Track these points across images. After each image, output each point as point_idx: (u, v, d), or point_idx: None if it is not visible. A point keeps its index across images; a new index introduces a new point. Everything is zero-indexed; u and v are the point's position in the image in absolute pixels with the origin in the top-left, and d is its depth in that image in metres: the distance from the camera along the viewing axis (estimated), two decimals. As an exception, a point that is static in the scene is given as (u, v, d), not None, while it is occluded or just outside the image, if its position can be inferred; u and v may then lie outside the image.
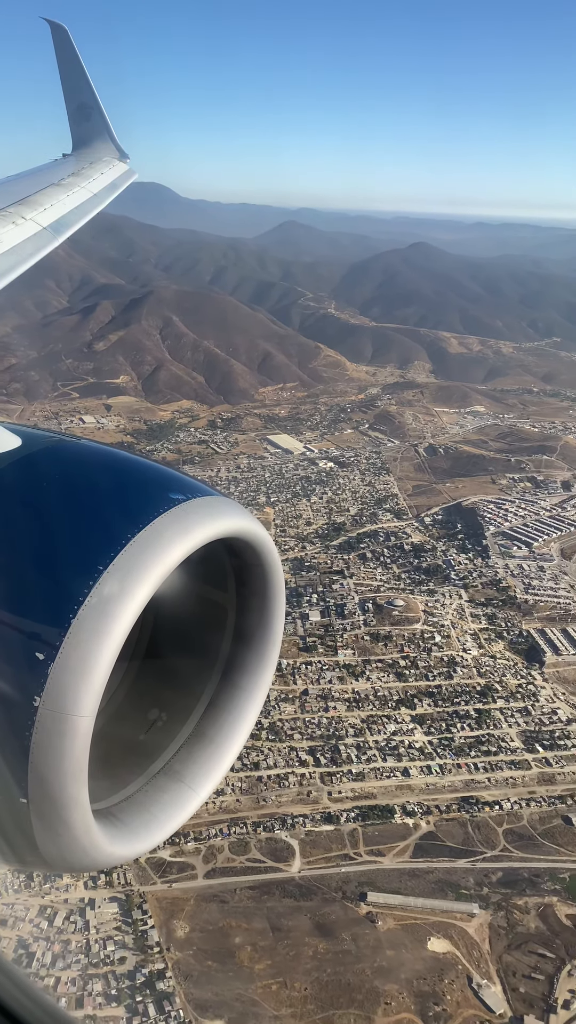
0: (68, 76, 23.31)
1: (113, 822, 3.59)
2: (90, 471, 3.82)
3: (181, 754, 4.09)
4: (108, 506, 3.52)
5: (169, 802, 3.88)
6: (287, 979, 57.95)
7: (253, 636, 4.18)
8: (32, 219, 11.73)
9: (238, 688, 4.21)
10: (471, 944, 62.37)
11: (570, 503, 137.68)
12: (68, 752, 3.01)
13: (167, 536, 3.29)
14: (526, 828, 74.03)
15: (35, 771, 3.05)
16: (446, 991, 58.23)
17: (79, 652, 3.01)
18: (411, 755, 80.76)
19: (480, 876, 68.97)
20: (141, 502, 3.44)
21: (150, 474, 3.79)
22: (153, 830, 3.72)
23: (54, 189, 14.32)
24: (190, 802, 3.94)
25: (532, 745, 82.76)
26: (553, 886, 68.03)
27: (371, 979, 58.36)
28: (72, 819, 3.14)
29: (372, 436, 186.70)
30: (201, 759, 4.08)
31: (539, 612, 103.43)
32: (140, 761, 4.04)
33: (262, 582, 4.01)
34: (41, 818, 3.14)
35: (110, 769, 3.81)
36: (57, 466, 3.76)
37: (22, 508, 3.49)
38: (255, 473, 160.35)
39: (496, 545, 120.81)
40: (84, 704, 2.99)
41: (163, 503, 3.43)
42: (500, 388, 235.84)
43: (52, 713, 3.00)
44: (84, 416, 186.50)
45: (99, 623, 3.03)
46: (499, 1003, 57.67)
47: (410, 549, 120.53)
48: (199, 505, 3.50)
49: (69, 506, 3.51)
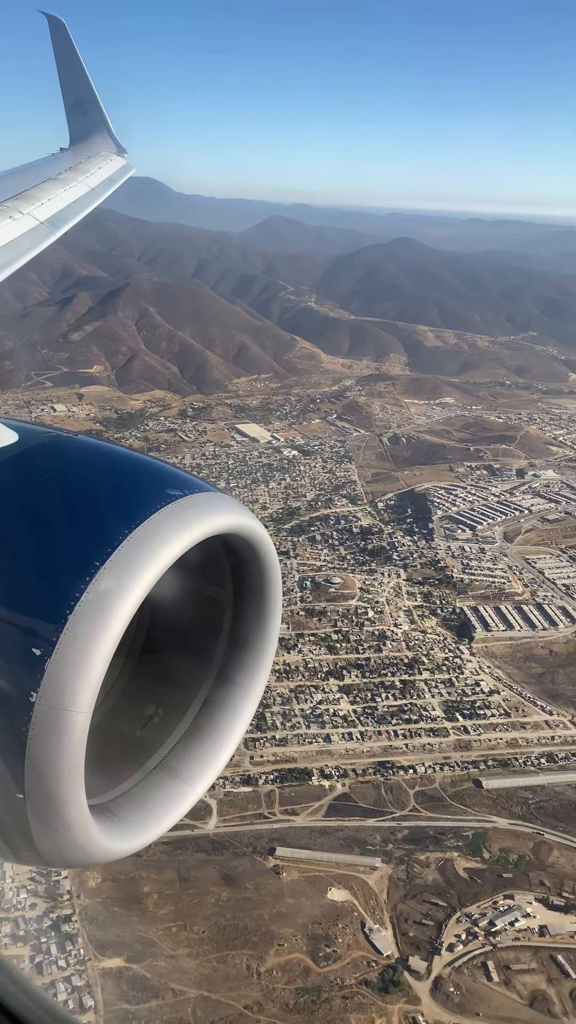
0: (66, 70, 23.19)
1: (109, 817, 3.61)
2: (87, 467, 3.83)
3: (177, 750, 4.10)
4: (105, 502, 3.53)
5: (165, 798, 3.88)
6: (188, 923, 61.22)
7: (250, 633, 4.18)
8: (29, 214, 11.69)
9: (234, 684, 4.22)
10: (369, 894, 65.65)
11: (520, 489, 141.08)
12: (65, 748, 3.02)
13: (164, 532, 3.29)
14: (437, 791, 77.34)
15: (31, 767, 3.06)
16: (339, 935, 61.53)
17: (76, 648, 3.01)
18: (335, 723, 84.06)
19: (387, 834, 72.26)
20: (138, 498, 3.46)
21: (147, 470, 3.80)
22: (149, 825, 3.74)
23: (51, 184, 14.25)
24: (186, 797, 3.95)
25: (452, 714, 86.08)
26: (456, 843, 71.33)
27: (268, 923, 61.63)
28: (68, 815, 3.16)
29: (339, 426, 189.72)
30: (198, 755, 4.08)
31: (474, 591, 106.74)
32: (136, 757, 4.04)
33: (259, 579, 4.02)
34: (37, 814, 3.16)
35: (106, 765, 3.82)
36: (54, 462, 3.78)
37: (18, 504, 3.50)
38: (219, 460, 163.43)
39: (442, 528, 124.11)
40: (81, 700, 3.00)
41: (160, 499, 3.43)
42: (472, 381, 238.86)
43: (48, 709, 3.00)
44: (55, 405, 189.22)
45: (96, 619, 3.04)
46: (388, 946, 60.98)
47: (358, 532, 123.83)
48: (196, 501, 3.51)
49: (66, 502, 3.52)
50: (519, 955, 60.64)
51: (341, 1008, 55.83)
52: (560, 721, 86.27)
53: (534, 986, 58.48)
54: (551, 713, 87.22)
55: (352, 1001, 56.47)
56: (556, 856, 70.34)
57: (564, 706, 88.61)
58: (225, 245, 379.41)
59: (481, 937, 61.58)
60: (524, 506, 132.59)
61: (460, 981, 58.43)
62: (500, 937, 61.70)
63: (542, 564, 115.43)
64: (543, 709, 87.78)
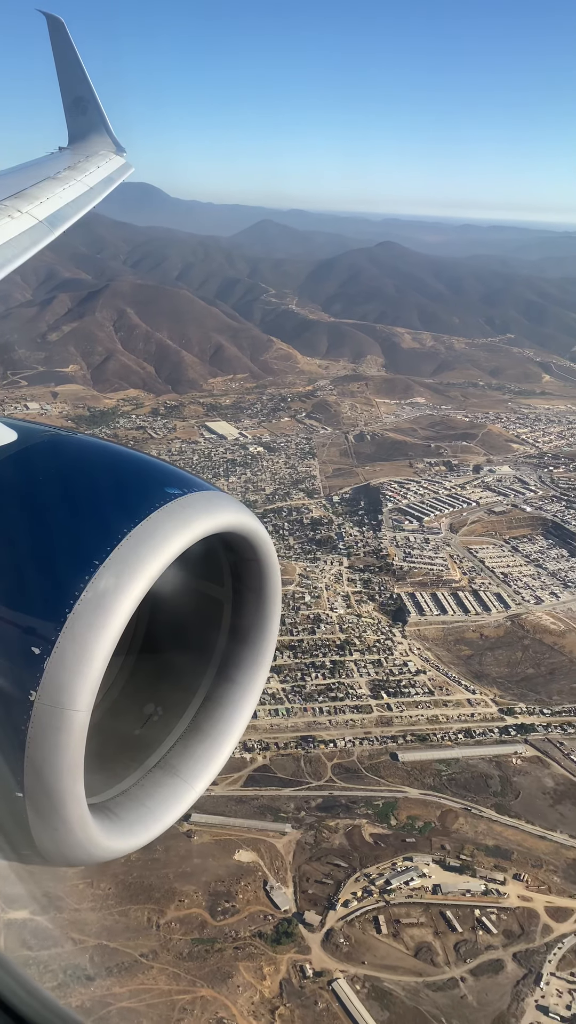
0: (65, 69, 23.20)
1: (109, 816, 3.63)
2: (87, 466, 3.83)
3: (177, 748, 4.11)
4: (104, 500, 3.55)
5: (165, 796, 3.90)
6: (95, 880, 64.23)
7: (249, 631, 4.20)
8: (28, 212, 11.72)
9: (234, 683, 4.23)
10: (276, 856, 68.69)
11: (472, 483, 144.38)
12: (64, 746, 3.04)
13: (163, 531, 3.31)
14: (354, 763, 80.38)
15: (31, 765, 3.07)
16: (240, 892, 64.59)
17: (75, 647, 3.03)
18: (262, 700, 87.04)
19: (301, 802, 75.32)
20: (137, 497, 3.47)
21: (147, 469, 3.82)
22: (149, 824, 3.76)
23: (50, 183, 14.30)
24: (186, 796, 3.97)
25: (378, 692, 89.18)
26: (366, 811, 74.33)
27: (172, 881, 64.71)
28: (68, 813, 3.18)
29: (307, 424, 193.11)
30: (197, 753, 4.10)
31: (412, 577, 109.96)
32: (136, 755, 4.06)
33: (258, 577, 4.04)
34: (37, 812, 3.18)
35: (106, 763, 3.83)
36: (53, 460, 3.78)
37: (18, 502, 3.50)
38: (184, 456, 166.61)
39: (390, 520, 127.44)
40: (80, 699, 3.01)
41: (160, 498, 3.45)
42: (446, 381, 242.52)
43: (48, 708, 3.01)
44: (28, 403, 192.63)
45: (95, 618, 3.06)
46: (287, 902, 64.01)
47: (308, 523, 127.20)
48: (196, 500, 3.53)
49: (65, 500, 3.54)
50: (410, 911, 63.69)
51: (232, 957, 58.86)
52: (482, 700, 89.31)
53: (421, 938, 61.54)
54: (474, 692, 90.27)
55: (244, 951, 59.51)
56: (461, 823, 73.35)
57: (488, 686, 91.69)
58: (211, 249, 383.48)
59: (376, 894, 64.60)
60: (473, 499, 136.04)
61: (350, 933, 61.47)
62: (394, 895, 64.73)
63: (484, 553, 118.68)
64: (467, 688, 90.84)
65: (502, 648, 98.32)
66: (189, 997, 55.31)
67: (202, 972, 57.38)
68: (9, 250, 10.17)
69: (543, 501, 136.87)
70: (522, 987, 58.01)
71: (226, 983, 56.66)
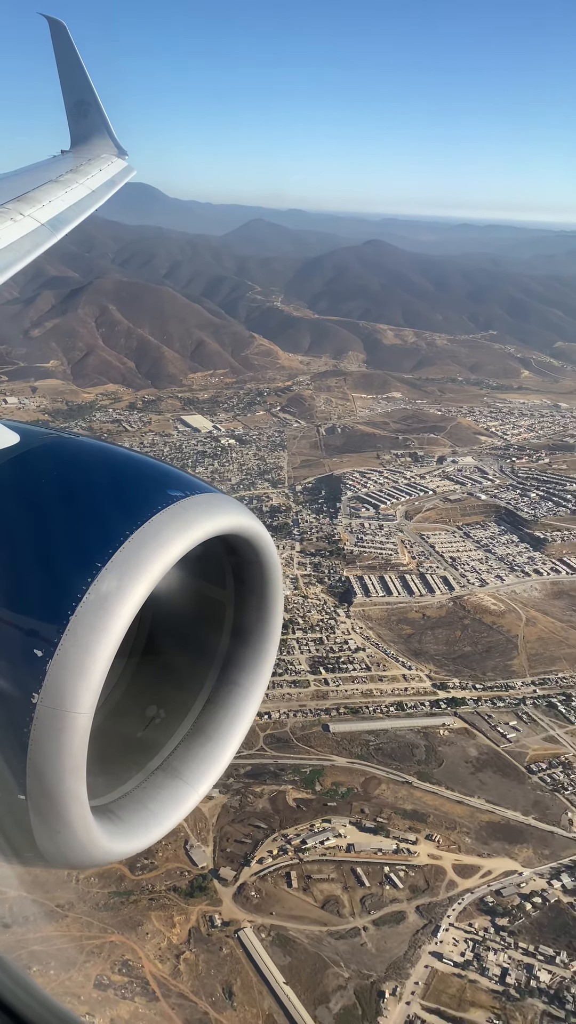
0: (67, 73, 23.34)
1: (111, 819, 3.64)
2: (89, 468, 3.85)
3: (179, 751, 4.13)
4: (106, 503, 3.56)
5: (167, 799, 3.92)
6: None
7: (251, 633, 4.22)
8: (30, 215, 11.79)
9: (236, 685, 4.25)
10: (200, 819, 71.65)
11: (433, 473, 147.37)
12: (66, 749, 3.05)
13: (165, 533, 3.31)
14: (287, 734, 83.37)
15: (33, 768, 3.08)
16: (160, 850, 67.45)
17: (77, 649, 3.04)
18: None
19: (230, 769, 78.04)
20: (139, 499, 3.48)
21: (149, 471, 3.84)
22: (151, 827, 3.77)
23: (52, 186, 14.36)
24: (188, 799, 3.99)
25: (316, 668, 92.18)
26: (293, 778, 77.31)
27: (97, 839, 67.74)
28: (70, 816, 3.18)
29: (281, 417, 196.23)
30: (199, 756, 4.12)
31: (362, 561, 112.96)
32: (138, 758, 4.08)
33: (260, 579, 4.06)
34: (39, 815, 3.18)
35: (108, 766, 3.83)
36: (56, 463, 3.80)
37: (21, 505, 3.52)
38: (155, 448, 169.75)
39: (348, 507, 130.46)
40: (82, 701, 3.02)
41: (161, 500, 3.47)
42: (425, 377, 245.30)
43: (50, 710, 3.01)
44: (7, 397, 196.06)
45: (97, 620, 3.07)
46: (205, 859, 67.02)
47: (267, 511, 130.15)
48: (198, 502, 3.54)
49: (68, 503, 3.55)
50: (322, 867, 66.67)
51: (145, 907, 61.94)
52: (417, 675, 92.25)
53: (330, 892, 64.52)
54: (410, 668, 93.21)
55: (157, 902, 62.57)
56: (382, 789, 76.28)
57: (425, 663, 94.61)
58: (200, 247, 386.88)
59: (291, 853, 67.61)
60: (430, 488, 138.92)
61: (262, 887, 64.47)
62: (308, 853, 67.72)
63: (435, 539, 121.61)
64: (403, 665, 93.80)
65: (442, 627, 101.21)
66: (98, 942, 58.35)
67: (114, 921, 60.43)
68: (11, 253, 10.20)
69: (499, 489, 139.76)
70: (420, 936, 60.93)
71: (136, 930, 59.72)
